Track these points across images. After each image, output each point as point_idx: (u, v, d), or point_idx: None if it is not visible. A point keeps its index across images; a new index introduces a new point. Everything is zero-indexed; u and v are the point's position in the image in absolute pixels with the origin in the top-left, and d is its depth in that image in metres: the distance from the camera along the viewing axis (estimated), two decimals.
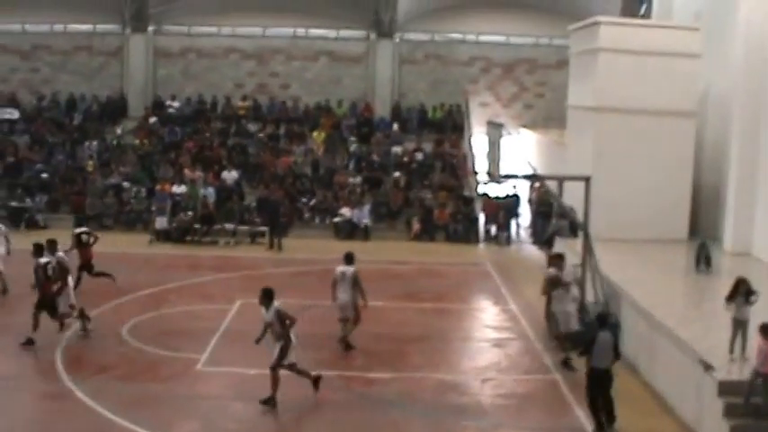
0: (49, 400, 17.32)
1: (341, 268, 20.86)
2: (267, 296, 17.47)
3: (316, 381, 17.49)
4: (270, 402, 16.76)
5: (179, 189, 37.17)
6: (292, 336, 17.14)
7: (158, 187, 37.20)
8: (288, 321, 17.07)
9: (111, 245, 33.11)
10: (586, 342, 15.86)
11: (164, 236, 34.75)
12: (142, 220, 36.58)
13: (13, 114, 43.23)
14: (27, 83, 45.56)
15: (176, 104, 43.78)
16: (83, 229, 27.63)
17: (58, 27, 45.68)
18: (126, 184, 38.20)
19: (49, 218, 37.08)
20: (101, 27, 45.46)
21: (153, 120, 42.95)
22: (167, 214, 35.35)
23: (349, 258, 20.86)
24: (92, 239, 26.50)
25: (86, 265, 25.95)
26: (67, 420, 16.32)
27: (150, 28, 44.88)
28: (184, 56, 45.04)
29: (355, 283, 20.60)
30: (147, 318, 23.03)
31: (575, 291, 20.81)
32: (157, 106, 44.10)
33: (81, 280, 25.16)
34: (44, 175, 39.22)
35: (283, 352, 16.92)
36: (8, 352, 20.43)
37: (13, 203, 36.92)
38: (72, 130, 42.76)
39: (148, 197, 37.25)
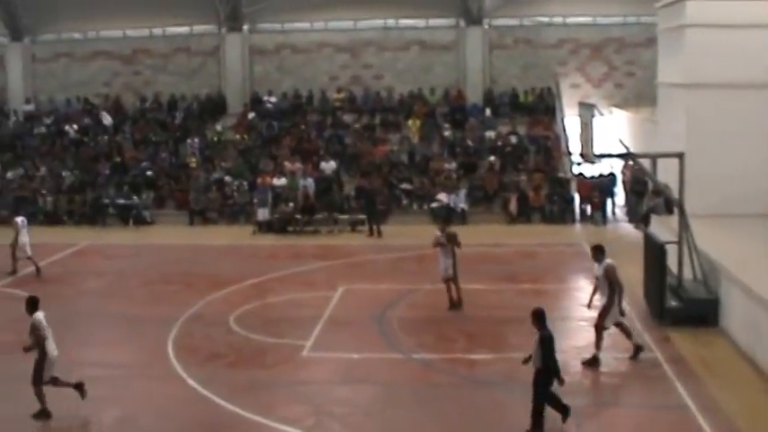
0: (161, 386, 17.89)
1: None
2: None
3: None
4: None
5: (279, 181, 37.95)
6: None
7: (259, 180, 38.00)
8: None
9: (215, 237, 34.26)
10: (550, 344, 15.09)
11: (266, 227, 35.57)
12: (245, 212, 37.45)
13: (106, 119, 44.48)
14: (130, 86, 46.85)
15: (273, 99, 44.54)
16: None
17: (157, 31, 46.86)
18: (228, 179, 39.11)
19: (156, 214, 38.28)
20: (197, 28, 46.46)
21: (251, 115, 43.80)
22: (269, 206, 36.17)
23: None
24: None
25: None
26: (180, 406, 16.85)
27: (245, 27, 45.69)
28: (279, 52, 45.72)
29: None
30: (253, 307, 23.65)
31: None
32: (255, 102, 44.91)
33: None
34: (149, 173, 40.42)
35: None
36: (123, 341, 21.41)
37: (121, 201, 38.13)
38: (174, 128, 43.89)
39: (250, 190, 38.07)
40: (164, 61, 46.61)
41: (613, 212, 37.22)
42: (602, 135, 25.93)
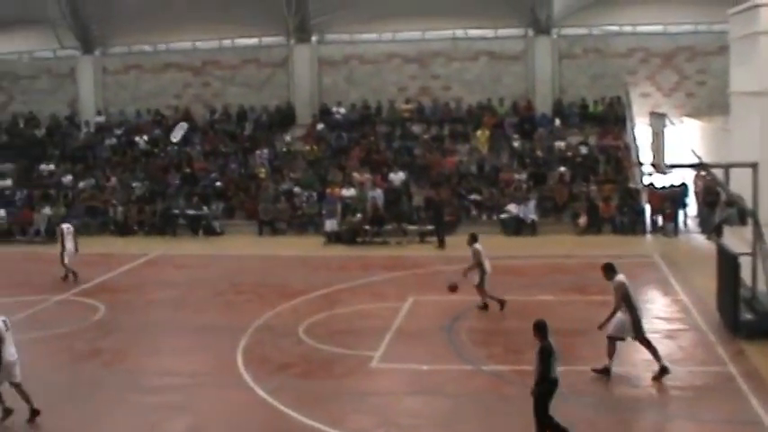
0: (231, 396, 17.88)
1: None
2: None
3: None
4: None
5: (348, 192, 38.07)
6: None
7: (328, 191, 38.18)
8: None
9: (285, 248, 34.38)
10: (548, 357, 14.92)
11: (335, 238, 35.65)
12: (313, 223, 37.63)
13: (184, 128, 44.96)
14: (199, 97, 47.31)
15: (342, 110, 44.70)
16: None
17: (226, 43, 47.35)
18: (297, 189, 39.33)
19: (225, 224, 38.61)
20: (266, 40, 46.80)
21: (320, 126, 43.99)
22: (337, 217, 36.27)
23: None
24: None
25: None
26: (248, 416, 16.86)
27: (313, 38, 45.92)
28: (347, 63, 45.85)
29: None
30: (322, 317, 23.66)
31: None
32: (324, 113, 45.09)
33: None
34: (219, 184, 40.80)
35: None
36: (193, 350, 21.55)
37: (191, 212, 38.51)
38: (243, 139, 44.23)
39: (319, 201, 38.25)
40: (233, 73, 46.98)
41: (685, 223, 36.83)
42: (673, 145, 25.64)
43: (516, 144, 41.34)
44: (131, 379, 19.15)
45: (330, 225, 35.96)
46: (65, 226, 30.79)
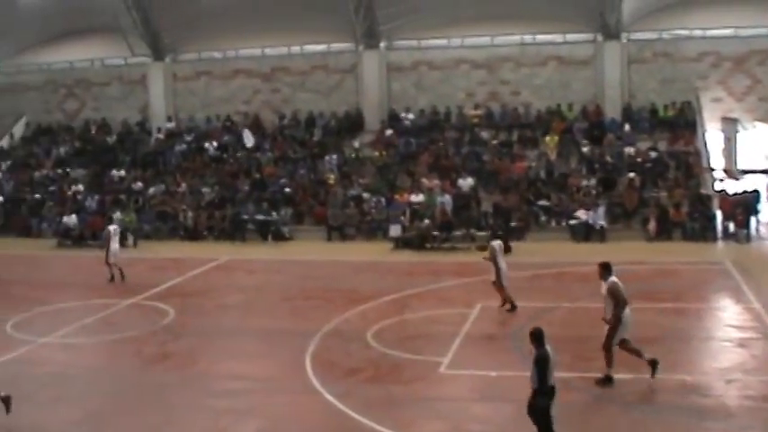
0: (299, 400, 17.91)
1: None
2: None
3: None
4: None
5: (416, 198, 38.10)
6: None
7: (397, 197, 38.25)
8: None
9: (353, 253, 34.51)
10: (544, 364, 14.85)
11: (403, 243, 35.69)
12: (382, 228, 37.72)
13: (249, 141, 45.32)
14: (269, 103, 47.66)
15: (410, 116, 44.73)
16: None
17: (295, 49, 47.61)
18: (366, 195, 39.47)
19: (294, 229, 38.86)
20: (335, 46, 47.02)
21: (389, 132, 44.08)
22: (405, 222, 36.32)
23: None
24: None
25: None
26: (317, 420, 16.88)
27: (382, 44, 46.02)
28: (416, 69, 45.83)
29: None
30: (391, 322, 23.67)
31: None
32: (393, 119, 45.17)
33: None
34: (288, 190, 41.06)
35: None
36: (262, 355, 21.70)
37: (260, 217, 38.82)
38: (312, 145, 44.46)
39: (387, 206, 38.34)
40: (302, 79, 47.24)
41: (757, 230, 36.27)
42: (745, 150, 25.36)
43: (585, 149, 41.07)
44: (201, 383, 19.32)
45: (395, 230, 36.02)
46: (112, 228, 31.73)
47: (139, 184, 43.94)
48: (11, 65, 52.91)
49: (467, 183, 39.04)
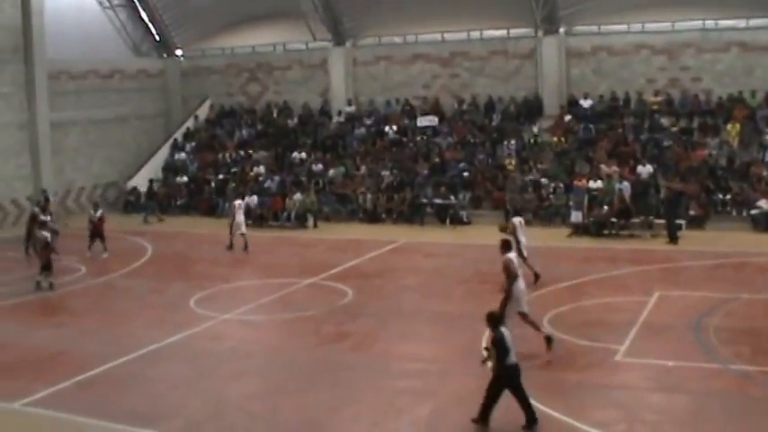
0: (473, 383, 17.58)
1: None
2: None
3: None
4: None
5: (595, 184, 37.71)
6: None
7: (575, 183, 37.97)
8: None
9: (531, 238, 34.32)
10: (500, 345, 15.79)
11: (581, 230, 35.44)
12: (560, 214, 37.51)
13: (434, 122, 45.66)
14: (448, 88, 47.75)
15: (589, 102, 44.21)
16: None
17: (475, 34, 47.59)
18: (544, 180, 39.32)
19: (472, 213, 39.03)
20: (514, 32, 46.73)
21: (568, 118, 43.70)
22: (584, 209, 36.03)
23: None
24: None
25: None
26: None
27: (561, 29, 45.52)
28: (595, 54, 45.10)
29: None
30: (567, 309, 23.68)
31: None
32: (571, 104, 44.71)
33: None
34: (466, 174, 41.25)
35: None
36: (438, 337, 22.00)
37: (438, 201, 39.12)
38: (491, 130, 44.47)
39: (566, 192, 38.10)
40: (481, 64, 47.18)
41: None
42: None
43: None
44: (377, 363, 19.75)
45: (576, 217, 35.77)
46: (237, 202, 35.31)
47: (320, 167, 44.87)
48: (195, 49, 54.83)
49: (646, 170, 38.31)
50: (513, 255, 20.58)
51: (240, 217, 34.64)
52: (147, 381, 19.32)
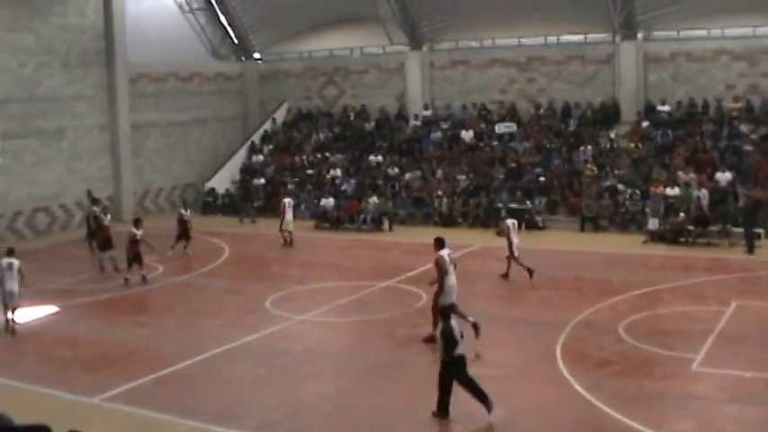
0: (548, 389, 18.19)
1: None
2: None
3: None
4: None
5: (672, 191, 37.37)
6: None
7: (652, 189, 37.67)
8: None
9: (606, 245, 34.28)
10: (449, 336, 16.55)
11: (657, 237, 35.14)
12: (636, 221, 37.22)
13: (511, 128, 45.56)
14: (524, 93, 47.59)
15: (667, 108, 43.74)
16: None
17: (552, 39, 47.34)
18: (620, 187, 39.01)
19: (548, 219, 38.92)
20: (591, 37, 46.38)
21: (645, 124, 43.30)
22: (660, 216, 35.73)
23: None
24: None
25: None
26: (565, 410, 17.06)
27: (639, 35, 45.12)
28: (674, 60, 44.54)
29: None
30: (643, 316, 23.47)
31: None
32: (649, 110, 44.29)
33: None
34: (542, 179, 41.13)
35: None
36: (512, 343, 22.01)
37: (514, 205, 38.98)
38: (567, 135, 44.26)
39: (642, 199, 37.80)
40: (558, 69, 46.96)
41: None
42: None
43: None
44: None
45: (653, 224, 35.48)
46: (286, 200, 37.55)
47: (396, 170, 45.04)
48: (273, 53, 55.38)
49: (724, 177, 37.84)
50: (444, 252, 21.56)
51: (289, 215, 36.69)
52: (223, 379, 19.63)
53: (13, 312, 24.24)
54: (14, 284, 24.25)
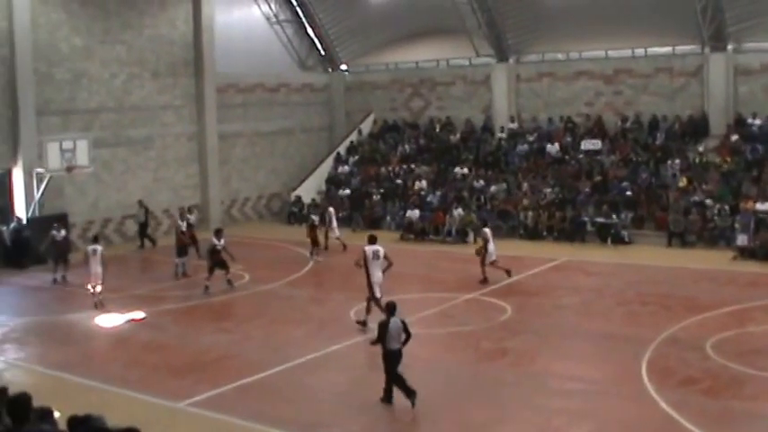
0: (632, 406, 17.93)
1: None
2: None
3: None
4: None
5: (763, 206, 36.68)
6: None
7: (742, 205, 37.06)
8: None
9: (693, 261, 33.75)
10: (381, 330, 18.03)
11: (747, 253, 34.52)
12: (724, 237, 36.61)
13: (597, 145, 45.14)
14: (611, 105, 47.09)
15: (758, 122, 42.98)
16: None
17: (639, 51, 46.76)
18: (709, 202, 38.43)
19: (634, 233, 38.46)
20: (680, 49, 45.69)
21: (735, 137, 42.61)
22: (750, 232, 35.12)
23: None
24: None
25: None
26: (649, 427, 16.82)
27: (729, 46, 44.44)
28: (765, 72, 43.73)
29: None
30: (732, 334, 23.01)
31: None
32: (739, 124, 43.58)
33: None
34: (629, 193, 40.68)
35: None
36: (597, 358, 21.82)
37: (600, 219, 38.69)
38: (655, 149, 43.73)
39: (732, 214, 37.19)
40: (645, 81, 46.40)
41: None
42: None
43: None
44: (535, 381, 19.71)
45: (742, 240, 34.87)
46: (331, 209, 39.50)
47: (481, 183, 44.94)
48: (359, 64, 55.62)
49: None
50: (368, 248, 25.15)
51: (334, 222, 38.59)
52: (305, 389, 19.77)
53: (94, 289, 28.54)
54: (98, 267, 28.63)
